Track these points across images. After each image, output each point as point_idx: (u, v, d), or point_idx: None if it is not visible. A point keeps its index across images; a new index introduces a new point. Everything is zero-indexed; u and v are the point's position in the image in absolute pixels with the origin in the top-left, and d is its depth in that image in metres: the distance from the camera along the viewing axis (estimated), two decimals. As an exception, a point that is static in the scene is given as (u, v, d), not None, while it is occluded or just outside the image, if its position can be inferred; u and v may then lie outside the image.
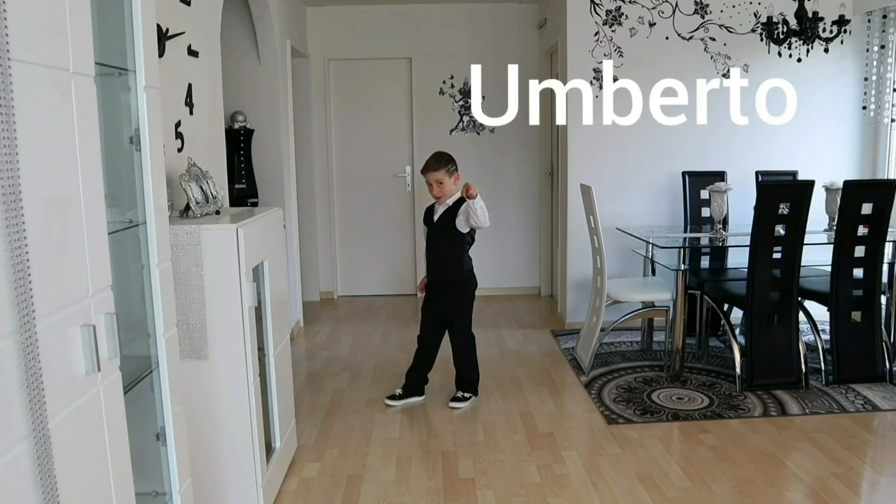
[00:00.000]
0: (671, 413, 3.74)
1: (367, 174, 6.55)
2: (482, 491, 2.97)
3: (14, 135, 1.19)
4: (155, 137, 1.87)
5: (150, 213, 1.86)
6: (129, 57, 1.79)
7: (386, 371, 4.53)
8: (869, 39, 5.19)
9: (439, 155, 3.77)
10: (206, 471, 2.57)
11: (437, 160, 3.74)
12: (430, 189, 3.78)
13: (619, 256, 5.11)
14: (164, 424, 1.94)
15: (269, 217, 2.92)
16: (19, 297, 1.19)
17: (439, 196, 3.76)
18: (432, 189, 3.76)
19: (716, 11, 5.18)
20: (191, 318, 2.46)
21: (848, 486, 2.95)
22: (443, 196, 3.76)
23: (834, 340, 4.11)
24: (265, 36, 4.96)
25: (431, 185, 3.76)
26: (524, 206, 6.54)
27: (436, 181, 3.73)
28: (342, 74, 6.43)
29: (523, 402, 3.92)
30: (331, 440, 3.51)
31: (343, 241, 6.63)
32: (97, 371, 1.45)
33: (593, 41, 5.19)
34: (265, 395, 2.88)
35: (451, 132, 6.45)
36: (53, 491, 1.27)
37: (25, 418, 1.22)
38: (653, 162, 5.29)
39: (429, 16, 6.30)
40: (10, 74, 1.17)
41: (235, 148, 4.94)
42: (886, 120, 5.15)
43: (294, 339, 5.21)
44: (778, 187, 4.14)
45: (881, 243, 4.04)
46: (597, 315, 4.41)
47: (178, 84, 3.15)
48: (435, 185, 3.74)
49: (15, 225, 1.19)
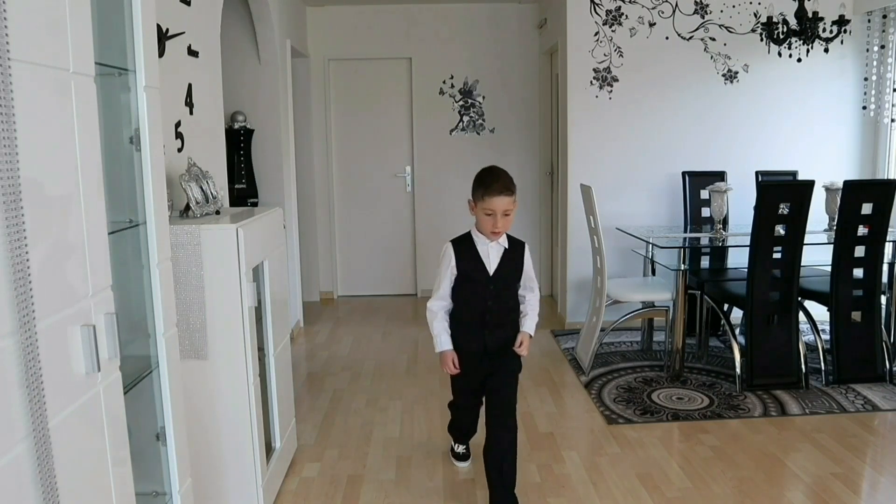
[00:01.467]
0: (671, 413, 3.74)
1: (367, 174, 6.55)
2: (482, 491, 2.96)
3: (14, 135, 1.18)
4: (155, 137, 1.87)
5: (150, 213, 1.86)
6: (129, 57, 1.79)
7: (386, 371, 4.53)
8: (869, 39, 5.19)
9: (504, 173, 2.67)
10: (206, 471, 2.57)
11: (508, 181, 2.63)
12: (488, 221, 2.64)
13: (619, 256, 5.11)
14: (164, 424, 1.94)
15: (269, 217, 2.92)
16: (19, 297, 1.19)
17: (499, 232, 2.69)
18: (495, 221, 2.63)
19: (716, 11, 5.18)
20: (191, 318, 2.46)
21: (848, 486, 2.95)
22: (504, 231, 2.71)
23: (834, 340, 4.11)
24: (265, 36, 4.96)
25: (495, 216, 2.62)
26: (524, 206, 6.53)
27: (503, 211, 2.62)
28: (342, 74, 6.43)
29: (523, 402, 3.92)
30: (331, 440, 3.51)
31: (343, 241, 6.63)
32: (97, 371, 1.45)
33: (593, 41, 5.19)
34: (265, 395, 2.88)
35: (451, 132, 6.45)
36: (53, 491, 1.27)
37: (25, 418, 1.22)
38: (653, 162, 5.29)
39: (429, 16, 6.31)
40: (10, 74, 1.17)
41: (235, 148, 4.94)
42: (886, 120, 5.15)
43: (294, 339, 5.21)
44: (778, 187, 4.14)
45: (881, 243, 4.04)
46: (597, 315, 4.41)
47: (178, 84, 3.15)
48: (500, 215, 2.62)
49: (15, 225, 1.19)
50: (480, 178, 2.67)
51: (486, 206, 2.61)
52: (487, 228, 2.65)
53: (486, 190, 2.60)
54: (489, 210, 2.61)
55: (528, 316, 2.78)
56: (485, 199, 2.60)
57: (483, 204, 2.61)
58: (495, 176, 2.64)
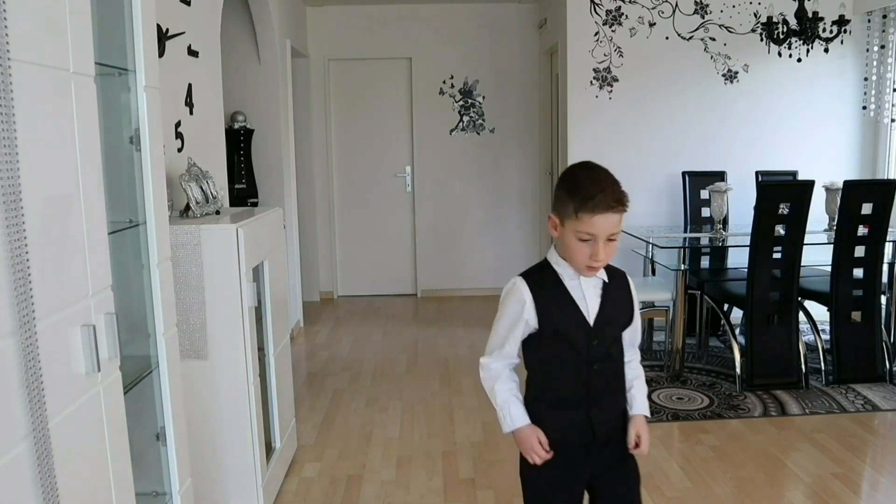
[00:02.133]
0: (671, 413, 3.73)
1: (367, 174, 6.55)
2: (482, 491, 2.96)
3: (14, 135, 1.18)
4: (155, 137, 1.87)
5: (150, 213, 1.86)
6: (129, 57, 1.79)
7: (386, 371, 4.53)
8: (869, 39, 5.19)
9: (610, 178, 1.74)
10: (206, 471, 2.57)
11: (619, 191, 1.71)
12: (583, 249, 1.70)
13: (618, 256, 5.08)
14: (164, 424, 1.94)
15: (269, 217, 2.92)
16: (19, 297, 1.19)
17: (599, 266, 1.74)
18: (595, 250, 1.69)
19: (716, 11, 5.18)
20: (191, 318, 2.46)
21: (848, 486, 2.95)
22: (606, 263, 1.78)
23: (834, 340, 4.10)
24: (265, 36, 4.96)
25: (595, 242, 1.69)
26: (524, 206, 6.54)
27: (609, 235, 1.70)
28: (342, 74, 6.43)
29: (523, 402, 3.92)
30: (331, 440, 3.51)
31: (343, 241, 6.63)
32: (97, 371, 1.45)
33: (593, 41, 5.19)
34: (265, 395, 2.88)
35: (451, 132, 6.45)
36: (53, 491, 1.27)
37: (25, 418, 1.22)
38: (653, 162, 5.29)
39: (429, 16, 6.31)
40: (10, 74, 1.17)
41: (235, 148, 4.94)
42: (886, 120, 5.15)
43: (294, 339, 5.21)
44: (778, 187, 4.14)
45: (881, 243, 4.04)
46: (597, 315, 4.40)
47: (178, 84, 3.15)
48: (604, 241, 1.69)
49: (15, 225, 1.19)
50: (575, 183, 1.70)
51: (583, 229, 1.65)
52: (581, 260, 1.70)
53: (585, 204, 1.64)
54: (587, 234, 1.66)
55: (637, 388, 1.86)
56: (581, 216, 1.65)
57: (577, 225, 1.66)
58: (599, 183, 1.68)
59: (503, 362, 1.83)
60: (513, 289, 1.79)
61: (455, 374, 4.40)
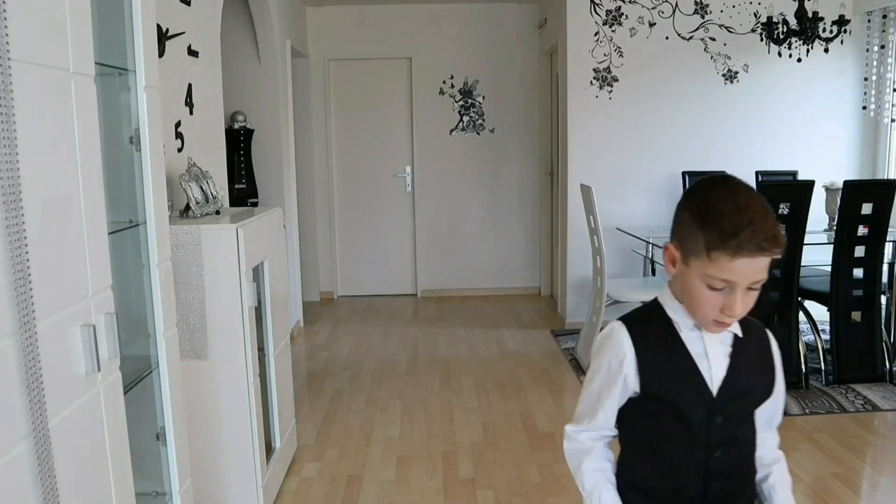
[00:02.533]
0: (671, 413, 3.73)
1: (367, 174, 6.55)
2: (482, 491, 2.96)
3: (14, 135, 1.18)
4: (155, 137, 1.87)
5: (150, 213, 1.86)
6: (129, 57, 1.80)
7: (386, 371, 4.53)
8: (869, 39, 5.19)
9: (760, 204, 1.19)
10: (206, 471, 2.57)
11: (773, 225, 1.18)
12: (714, 298, 1.21)
13: (619, 256, 5.11)
14: (164, 424, 1.94)
15: (269, 217, 2.92)
16: (19, 297, 1.19)
17: (730, 322, 1.26)
18: (732, 300, 1.20)
19: (716, 11, 5.18)
20: (191, 318, 2.46)
21: (848, 486, 2.95)
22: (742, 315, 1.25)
23: (834, 340, 4.10)
24: (265, 36, 4.97)
25: (733, 290, 1.20)
26: (524, 206, 6.54)
27: (752, 283, 1.20)
28: (342, 74, 6.43)
29: (523, 402, 3.92)
30: (331, 440, 3.51)
31: (343, 241, 6.63)
32: (97, 371, 1.45)
33: (593, 41, 5.19)
34: (265, 395, 2.88)
35: (451, 132, 6.45)
36: (53, 491, 1.27)
37: (25, 418, 1.22)
38: (653, 162, 5.29)
39: (429, 16, 6.31)
40: (10, 74, 1.17)
41: (235, 148, 4.94)
42: (886, 120, 5.15)
43: (294, 339, 5.21)
44: (778, 187, 4.14)
45: (881, 243, 4.03)
46: (597, 315, 4.41)
47: (178, 84, 3.15)
48: (743, 290, 1.20)
49: (15, 225, 1.19)
50: (709, 207, 1.20)
51: (718, 274, 1.18)
52: (708, 313, 1.23)
53: (725, 242, 1.16)
54: (723, 280, 1.18)
55: (777, 477, 1.38)
56: (715, 257, 1.17)
57: (708, 267, 1.19)
58: (746, 212, 1.17)
59: (594, 433, 1.39)
60: (610, 336, 1.34)
61: (455, 374, 4.40)
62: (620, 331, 1.34)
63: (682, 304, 1.29)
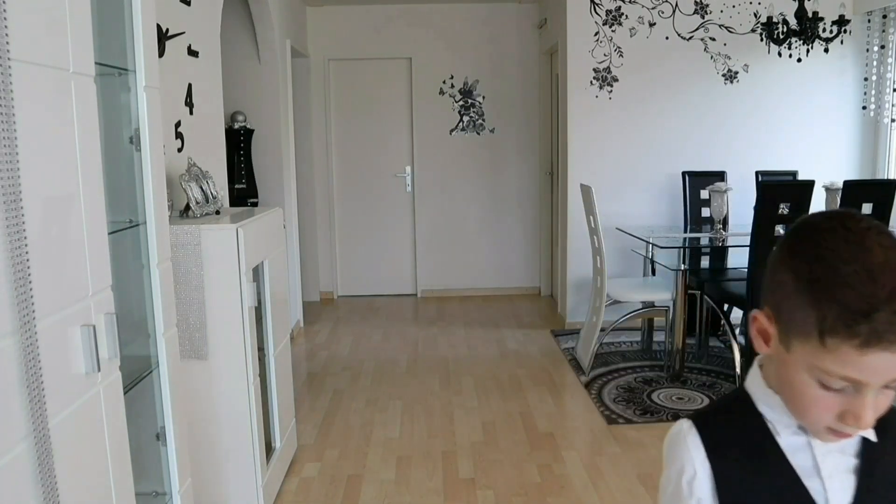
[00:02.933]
0: (671, 413, 3.73)
1: (367, 174, 6.55)
2: (482, 491, 2.96)
3: (14, 135, 1.19)
4: (155, 137, 1.87)
5: (150, 213, 1.86)
6: (129, 57, 1.80)
7: (386, 371, 4.53)
8: (869, 39, 5.19)
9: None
10: (206, 471, 2.57)
11: None
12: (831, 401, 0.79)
13: (619, 256, 5.11)
14: (164, 424, 1.94)
15: (269, 217, 2.92)
16: (19, 297, 1.19)
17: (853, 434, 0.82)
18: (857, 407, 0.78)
19: (716, 11, 5.18)
20: (191, 318, 2.46)
21: (848, 486, 2.95)
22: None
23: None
24: (265, 36, 4.97)
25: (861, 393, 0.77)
26: (524, 206, 6.54)
27: (889, 381, 0.77)
28: (342, 74, 6.43)
29: (523, 402, 3.92)
30: (331, 440, 3.51)
31: (343, 241, 6.63)
32: (97, 371, 1.45)
33: (593, 41, 5.19)
34: (265, 395, 2.88)
35: (451, 132, 6.45)
36: (53, 491, 1.27)
37: (25, 418, 1.22)
38: (653, 162, 5.29)
39: (429, 16, 6.31)
40: (10, 74, 1.17)
41: (235, 148, 4.94)
42: (886, 120, 5.15)
43: (294, 339, 5.21)
44: (778, 187, 4.14)
45: (881, 243, 4.03)
46: (597, 315, 4.41)
47: (178, 84, 3.15)
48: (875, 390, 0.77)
49: (15, 225, 1.19)
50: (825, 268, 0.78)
51: (838, 370, 0.78)
52: (821, 418, 0.82)
53: (852, 325, 0.75)
54: (844, 379, 0.78)
55: None
56: (834, 345, 0.77)
57: (822, 358, 0.78)
58: (882, 280, 0.75)
59: None
60: (676, 441, 0.99)
61: (455, 374, 4.40)
62: (689, 434, 0.94)
63: (776, 398, 0.88)
